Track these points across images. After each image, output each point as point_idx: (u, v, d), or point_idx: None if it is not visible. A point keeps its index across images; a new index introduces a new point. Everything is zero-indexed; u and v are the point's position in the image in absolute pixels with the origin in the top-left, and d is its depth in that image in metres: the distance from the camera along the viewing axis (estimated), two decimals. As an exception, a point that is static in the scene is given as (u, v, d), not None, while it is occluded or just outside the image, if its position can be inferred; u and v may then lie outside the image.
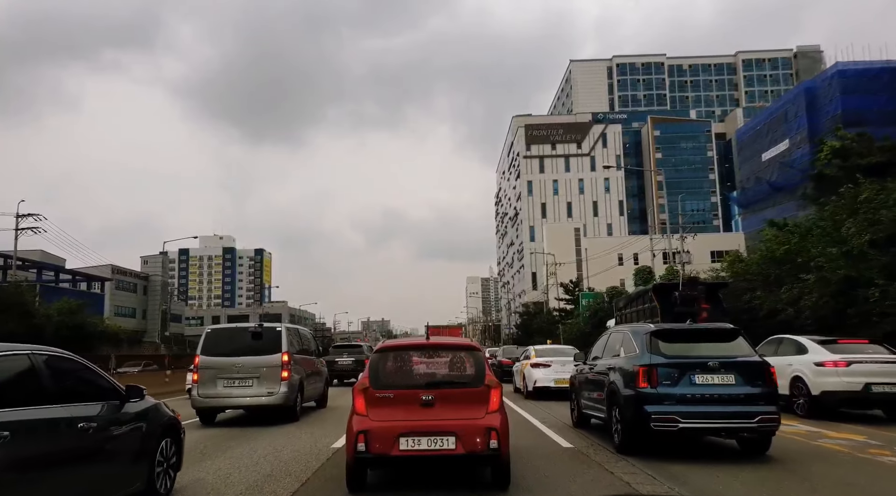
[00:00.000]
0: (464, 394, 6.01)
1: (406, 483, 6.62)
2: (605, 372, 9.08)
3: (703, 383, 7.68)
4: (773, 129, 48.76)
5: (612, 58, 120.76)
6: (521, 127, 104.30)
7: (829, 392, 11.49)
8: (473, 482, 6.51)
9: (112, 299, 68.72)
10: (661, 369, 7.80)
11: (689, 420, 7.54)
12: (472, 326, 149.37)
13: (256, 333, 12.46)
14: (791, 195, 43.89)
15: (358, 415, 5.94)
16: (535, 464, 7.52)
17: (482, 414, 5.87)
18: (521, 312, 67.14)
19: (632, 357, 8.44)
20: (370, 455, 5.74)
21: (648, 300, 21.69)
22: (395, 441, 5.70)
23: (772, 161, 48.23)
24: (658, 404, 7.63)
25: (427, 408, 5.86)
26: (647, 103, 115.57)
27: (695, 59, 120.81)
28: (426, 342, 6.45)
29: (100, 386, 5.27)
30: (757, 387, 7.70)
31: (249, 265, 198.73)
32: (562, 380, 15.32)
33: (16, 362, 4.36)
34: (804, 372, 11.91)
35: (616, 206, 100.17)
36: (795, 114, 45.84)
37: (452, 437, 5.71)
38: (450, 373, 6.29)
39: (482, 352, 6.63)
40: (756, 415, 7.49)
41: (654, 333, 8.33)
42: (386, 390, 5.99)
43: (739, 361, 7.86)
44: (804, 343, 12.60)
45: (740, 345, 8.21)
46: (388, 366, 6.28)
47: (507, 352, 28.96)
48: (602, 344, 10.28)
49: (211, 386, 11.94)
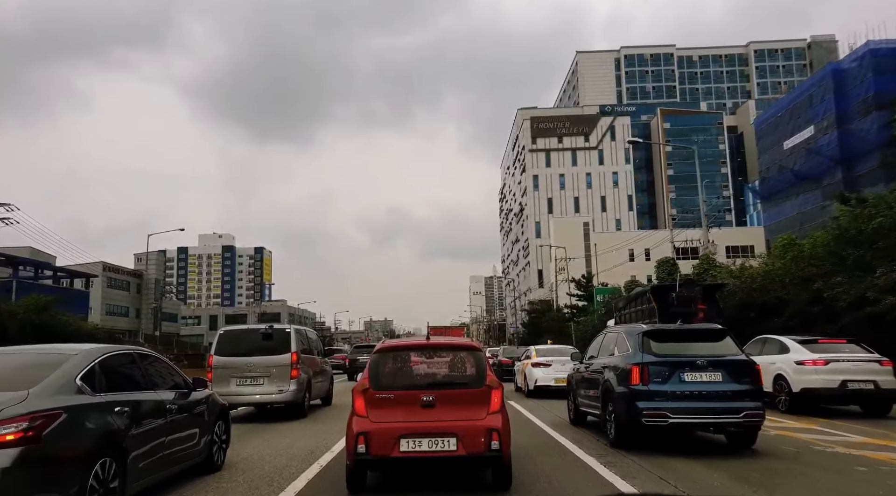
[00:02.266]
0: (464, 394, 6.14)
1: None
2: (601, 371, 9.80)
3: (692, 381, 8.38)
4: (796, 116, 47.05)
5: (619, 49, 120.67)
6: (526, 120, 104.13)
7: (809, 389, 12.48)
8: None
9: (104, 297, 67.57)
10: (652, 367, 8.50)
11: (679, 415, 8.22)
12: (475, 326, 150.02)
13: (267, 334, 13.48)
14: (816, 183, 42.94)
15: (358, 417, 6.05)
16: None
17: (483, 415, 5.99)
18: (529, 310, 65.91)
19: (625, 356, 9.15)
20: (370, 457, 5.86)
21: (647, 301, 22.57)
22: (396, 442, 5.80)
23: (795, 149, 46.74)
24: (649, 401, 8.32)
25: (427, 409, 5.97)
26: (656, 96, 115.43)
27: (705, 50, 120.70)
28: (426, 342, 6.58)
29: (174, 378, 7.08)
30: (743, 385, 8.40)
31: (249, 264, 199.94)
32: (562, 379, 15.92)
33: (125, 358, 6.28)
34: (786, 370, 12.88)
35: (625, 201, 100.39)
36: (821, 98, 43.99)
37: (453, 438, 5.81)
38: (450, 374, 6.43)
39: (483, 352, 6.77)
40: (742, 410, 8.19)
41: (646, 333, 9.05)
42: (386, 391, 6.12)
43: (726, 360, 8.55)
44: (786, 343, 13.55)
45: (728, 344, 8.92)
46: (387, 367, 6.40)
47: (508, 352, 30.40)
48: (598, 344, 11.04)
49: (224, 384, 12.79)
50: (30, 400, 4.59)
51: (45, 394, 4.77)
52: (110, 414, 5.32)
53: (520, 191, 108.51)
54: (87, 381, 5.31)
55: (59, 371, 5.13)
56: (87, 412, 5.06)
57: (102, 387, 5.45)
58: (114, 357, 5.98)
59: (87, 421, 5.01)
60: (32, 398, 4.63)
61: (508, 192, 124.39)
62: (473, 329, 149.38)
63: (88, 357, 5.56)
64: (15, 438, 4.30)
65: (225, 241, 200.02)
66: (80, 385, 5.19)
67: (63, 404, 4.81)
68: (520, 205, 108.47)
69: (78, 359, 5.43)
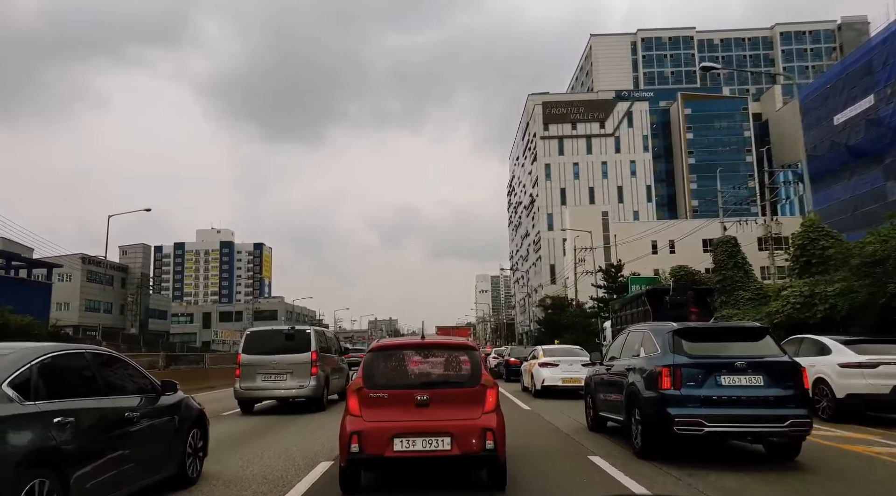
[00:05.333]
0: (459, 394, 6.27)
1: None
2: (624, 373, 9.28)
3: (729, 385, 7.84)
4: (850, 85, 43.19)
5: (636, 32, 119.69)
6: (538, 105, 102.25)
7: (854, 394, 11.72)
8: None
9: (83, 292, 65.10)
10: (685, 370, 7.97)
11: (716, 423, 7.70)
12: (481, 325, 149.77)
13: (290, 335, 15.45)
14: (877, 161, 39.83)
15: (351, 416, 6.18)
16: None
17: (478, 414, 6.11)
18: (547, 305, 63.15)
19: (653, 357, 8.63)
20: (364, 456, 5.99)
21: (642, 303, 23.87)
22: (390, 442, 5.93)
23: (849, 123, 42.77)
24: (682, 406, 7.81)
25: (422, 408, 6.09)
26: (675, 81, 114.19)
27: (727, 33, 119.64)
28: (421, 341, 6.74)
29: (139, 381, 6.54)
30: (787, 389, 7.86)
31: (248, 260, 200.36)
32: (569, 379, 17.48)
33: (74, 359, 5.65)
34: (827, 373, 12.12)
35: (643, 192, 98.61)
36: (884, 62, 40.53)
37: (448, 438, 5.94)
38: (445, 373, 6.57)
39: (478, 351, 6.89)
40: (787, 418, 7.65)
41: (676, 332, 8.51)
42: (380, 390, 6.23)
43: (768, 361, 8.03)
44: (827, 343, 12.82)
45: (768, 344, 8.39)
46: (382, 366, 6.53)
47: (515, 352, 31.54)
48: (620, 344, 10.51)
49: (251, 380, 14.86)
50: None
51: None
52: (47, 426, 4.71)
53: (530, 181, 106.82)
54: (20, 388, 4.70)
55: None
56: (14, 424, 4.47)
57: (40, 395, 4.86)
58: (59, 358, 5.37)
59: (15, 435, 4.43)
60: None
61: (518, 184, 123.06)
62: (480, 328, 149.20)
63: (23, 358, 4.94)
64: None
65: (223, 236, 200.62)
66: (9, 392, 4.58)
67: None
68: (530, 196, 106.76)
69: (7, 362, 4.81)
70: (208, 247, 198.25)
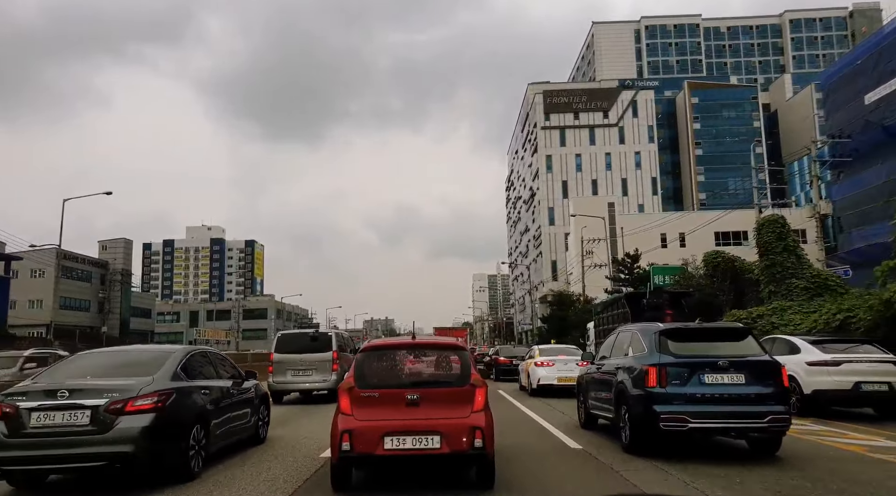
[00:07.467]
0: (449, 393, 6.69)
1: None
2: (614, 372, 10.02)
3: (712, 383, 8.57)
4: (883, 61, 41.60)
5: (640, 19, 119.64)
6: (538, 94, 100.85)
7: (821, 391, 12.86)
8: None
9: (57, 289, 61.76)
10: (670, 369, 8.70)
11: (699, 420, 8.43)
12: (479, 325, 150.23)
13: (314, 337, 19.17)
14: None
15: (343, 415, 6.58)
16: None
17: (467, 413, 6.52)
18: (552, 301, 62.15)
19: (641, 356, 9.36)
20: (354, 454, 6.39)
21: (621, 306, 25.46)
22: (380, 440, 6.33)
23: (882, 101, 40.93)
24: (667, 404, 8.52)
25: (412, 407, 6.49)
26: (680, 70, 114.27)
27: (734, 20, 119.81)
28: (412, 341, 7.19)
29: (231, 370, 10.08)
30: (767, 387, 8.59)
31: (240, 257, 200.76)
32: (564, 378, 18.55)
33: (202, 356, 9.25)
34: (797, 371, 13.12)
35: (648, 184, 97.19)
36: None
37: (437, 437, 6.33)
38: (435, 373, 7.07)
39: (468, 351, 7.35)
40: (766, 414, 8.38)
41: (663, 332, 9.25)
42: (371, 389, 6.64)
43: (749, 361, 8.74)
44: (797, 343, 13.97)
45: (750, 344, 9.13)
46: (373, 366, 6.95)
47: (505, 352, 33.90)
48: (610, 343, 11.29)
49: (282, 375, 18.41)
50: (155, 382, 7.38)
51: (163, 379, 7.55)
52: (199, 394, 8.15)
53: (530, 174, 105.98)
54: (185, 371, 8.14)
55: (167, 363, 7.90)
56: (186, 392, 7.85)
57: (192, 376, 8.30)
58: (194, 354, 8.88)
59: (187, 398, 7.82)
60: (156, 381, 7.41)
61: (517, 179, 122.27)
62: (477, 328, 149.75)
63: (184, 353, 8.53)
64: (151, 407, 7.09)
65: (214, 233, 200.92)
66: (181, 373, 8.01)
67: (174, 386, 7.59)
68: (530, 190, 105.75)
69: (178, 355, 8.32)
70: (199, 244, 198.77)
